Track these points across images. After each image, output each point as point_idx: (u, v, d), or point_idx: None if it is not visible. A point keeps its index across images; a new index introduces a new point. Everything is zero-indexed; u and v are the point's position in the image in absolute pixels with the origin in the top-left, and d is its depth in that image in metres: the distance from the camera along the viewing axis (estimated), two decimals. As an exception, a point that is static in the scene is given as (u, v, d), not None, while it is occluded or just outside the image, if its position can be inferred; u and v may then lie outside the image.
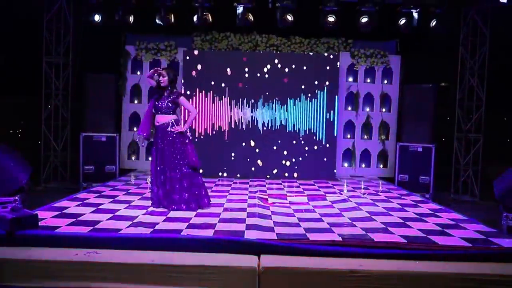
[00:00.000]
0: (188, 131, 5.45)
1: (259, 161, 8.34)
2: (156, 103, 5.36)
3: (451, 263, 3.74)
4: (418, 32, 8.24)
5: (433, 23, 8.04)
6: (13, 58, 8.74)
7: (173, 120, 5.34)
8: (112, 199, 5.83)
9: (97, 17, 8.08)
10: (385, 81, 9.02)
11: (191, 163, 5.33)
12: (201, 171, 5.62)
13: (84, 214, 4.89)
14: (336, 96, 8.43)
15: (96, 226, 4.36)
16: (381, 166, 9.09)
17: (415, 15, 8.03)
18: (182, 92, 7.94)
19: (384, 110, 9.01)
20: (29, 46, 8.59)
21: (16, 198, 4.39)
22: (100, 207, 5.32)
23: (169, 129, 5.30)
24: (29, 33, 8.53)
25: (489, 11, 8.15)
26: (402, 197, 6.65)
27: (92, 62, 8.75)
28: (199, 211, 5.22)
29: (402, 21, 8.09)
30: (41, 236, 3.95)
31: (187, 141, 5.39)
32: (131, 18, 8.20)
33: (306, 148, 8.38)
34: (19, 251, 3.74)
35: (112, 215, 4.91)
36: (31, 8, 8.23)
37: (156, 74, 5.34)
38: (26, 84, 8.83)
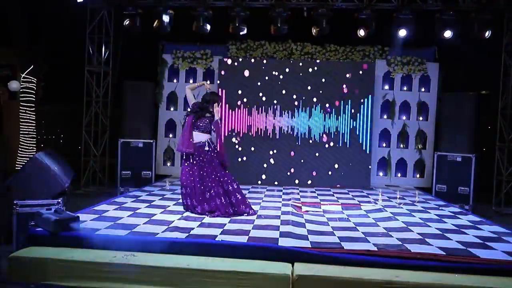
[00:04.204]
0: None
1: (292, 169, 8.32)
2: (196, 121, 5.43)
3: (493, 278, 3.59)
4: (458, 38, 8.03)
5: (474, 29, 7.81)
6: (57, 67, 9.15)
7: (209, 140, 5.45)
8: (149, 204, 5.96)
9: (132, 27, 8.33)
10: (423, 89, 8.82)
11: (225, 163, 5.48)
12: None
13: (122, 217, 5.02)
14: (372, 104, 8.31)
15: (133, 230, 4.47)
16: (418, 175, 8.87)
17: (455, 21, 7.84)
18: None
19: (421, 118, 8.81)
20: (72, 56, 8.98)
21: (59, 200, 4.57)
22: (137, 211, 5.45)
23: (206, 148, 5.40)
24: (73, 44, 8.92)
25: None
26: (440, 208, 6.45)
27: (130, 70, 9.06)
28: (233, 217, 5.26)
29: (441, 28, 7.90)
30: (82, 237, 4.09)
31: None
32: (169, 28, 8.41)
33: (341, 156, 8.30)
34: (61, 251, 3.90)
35: (148, 219, 5.02)
36: (74, 20, 8.62)
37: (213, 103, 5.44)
38: (69, 92, 9.23)
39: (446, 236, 4.67)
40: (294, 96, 8.35)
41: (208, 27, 8.29)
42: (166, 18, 8.25)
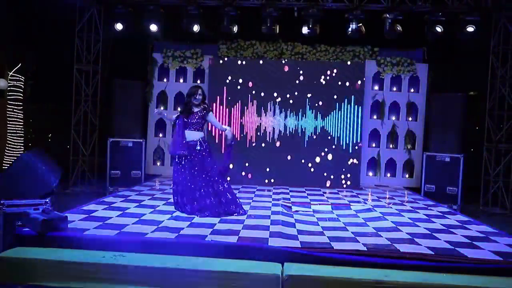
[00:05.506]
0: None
1: (282, 169, 8.32)
2: (186, 119, 5.36)
3: (481, 277, 3.64)
4: (446, 40, 8.10)
5: (462, 31, 7.89)
6: (46, 66, 9.04)
7: (201, 139, 5.39)
8: (138, 204, 5.92)
9: (122, 26, 8.28)
10: (412, 90, 8.89)
11: (222, 171, 5.39)
12: (228, 178, 5.65)
13: (111, 217, 4.98)
14: (361, 105, 8.36)
15: (122, 230, 4.44)
16: (407, 176, 8.94)
17: (443, 23, 7.91)
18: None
19: (410, 119, 8.88)
20: (61, 55, 8.87)
21: (47, 200, 4.51)
22: (126, 211, 5.41)
23: (197, 147, 5.34)
24: (61, 42, 8.81)
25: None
26: (429, 208, 6.51)
27: (120, 69, 8.97)
28: (223, 217, 5.24)
29: (430, 29, 7.97)
30: (71, 238, 4.05)
31: (214, 158, 5.49)
32: (159, 27, 8.36)
33: (330, 156, 8.33)
34: (49, 252, 3.85)
35: (138, 219, 4.99)
36: (63, 18, 8.51)
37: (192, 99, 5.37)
38: (58, 91, 9.12)
39: (434, 236, 4.72)
40: (283, 96, 8.36)
41: (199, 26, 8.25)
42: (158, 26, 8.25)
